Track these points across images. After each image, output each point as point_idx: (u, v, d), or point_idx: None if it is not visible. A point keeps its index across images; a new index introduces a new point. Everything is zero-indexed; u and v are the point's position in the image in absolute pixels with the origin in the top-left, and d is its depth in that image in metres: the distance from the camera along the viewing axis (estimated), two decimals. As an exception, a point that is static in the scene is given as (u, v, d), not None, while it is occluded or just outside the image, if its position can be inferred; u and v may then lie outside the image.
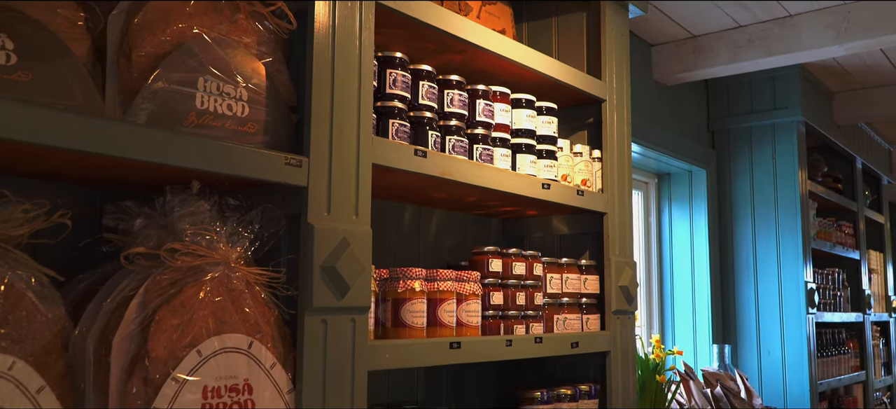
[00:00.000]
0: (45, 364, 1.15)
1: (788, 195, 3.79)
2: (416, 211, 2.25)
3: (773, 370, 3.76)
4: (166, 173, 1.28)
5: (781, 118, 3.82)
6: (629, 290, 2.31)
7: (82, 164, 1.24)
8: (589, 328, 2.20)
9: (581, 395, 2.16)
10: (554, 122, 2.13)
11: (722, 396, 3.12)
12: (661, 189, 3.95)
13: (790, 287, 3.74)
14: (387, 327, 1.70)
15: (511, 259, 2.00)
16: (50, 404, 1.12)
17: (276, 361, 1.36)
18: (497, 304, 1.93)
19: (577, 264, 2.24)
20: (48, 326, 1.18)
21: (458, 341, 1.74)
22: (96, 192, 1.46)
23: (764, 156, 3.87)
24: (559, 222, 2.41)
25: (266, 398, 1.33)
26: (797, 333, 3.72)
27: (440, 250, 2.31)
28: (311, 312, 1.39)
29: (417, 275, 1.72)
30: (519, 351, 1.92)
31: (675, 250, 3.87)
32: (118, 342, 1.18)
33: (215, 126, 1.29)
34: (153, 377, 1.19)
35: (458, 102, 1.85)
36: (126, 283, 1.25)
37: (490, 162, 1.91)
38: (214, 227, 1.32)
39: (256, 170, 1.33)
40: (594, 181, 2.26)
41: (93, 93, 1.18)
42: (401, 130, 1.68)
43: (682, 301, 3.83)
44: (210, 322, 1.27)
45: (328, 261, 1.41)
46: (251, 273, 1.37)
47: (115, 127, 1.15)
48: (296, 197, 1.42)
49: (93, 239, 1.37)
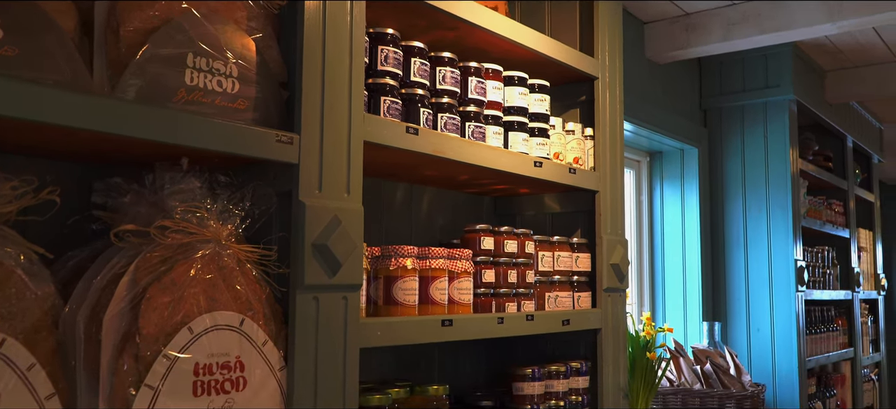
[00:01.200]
0: (34, 342, 1.15)
1: (779, 174, 3.80)
2: (408, 189, 2.24)
3: (762, 347, 3.80)
4: (155, 150, 1.27)
5: (773, 97, 3.83)
6: (620, 268, 2.32)
7: (70, 140, 1.22)
8: (580, 306, 2.21)
9: (572, 372, 2.17)
10: (546, 99, 2.12)
11: (711, 372, 3.15)
12: (653, 168, 3.95)
13: (780, 265, 3.77)
14: (378, 305, 1.70)
15: (503, 237, 2.00)
16: (40, 381, 1.12)
17: (268, 338, 1.36)
18: (489, 282, 1.94)
19: (569, 242, 2.24)
20: (38, 303, 1.17)
21: (450, 318, 1.74)
22: (85, 168, 1.45)
23: (756, 134, 3.88)
24: (551, 200, 2.42)
25: (258, 375, 1.33)
26: (786, 310, 3.75)
27: (432, 229, 2.31)
28: (302, 289, 1.39)
29: (409, 253, 1.72)
30: (510, 329, 1.93)
31: (667, 228, 3.89)
32: (109, 320, 1.18)
33: (205, 102, 1.28)
34: (144, 355, 1.18)
35: (450, 79, 1.84)
36: (116, 260, 1.25)
37: (482, 140, 1.90)
38: (205, 204, 1.31)
39: (247, 147, 1.32)
40: (586, 159, 2.26)
41: (80, 68, 1.17)
42: (392, 108, 1.67)
43: (673, 279, 3.85)
44: (201, 300, 1.27)
45: (320, 239, 1.41)
46: (242, 251, 1.36)
47: (104, 103, 1.14)
48: (287, 174, 1.41)
49: (82, 216, 1.36)
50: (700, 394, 3.08)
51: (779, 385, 3.75)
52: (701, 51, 3.44)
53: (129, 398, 1.16)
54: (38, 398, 1.12)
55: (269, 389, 1.35)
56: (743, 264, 3.87)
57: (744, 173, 3.90)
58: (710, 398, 3.06)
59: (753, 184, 3.86)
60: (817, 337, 4.03)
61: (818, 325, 4.09)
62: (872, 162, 5.37)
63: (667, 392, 3.13)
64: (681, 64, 3.82)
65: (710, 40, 3.35)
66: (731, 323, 3.88)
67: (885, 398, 5.31)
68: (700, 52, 3.45)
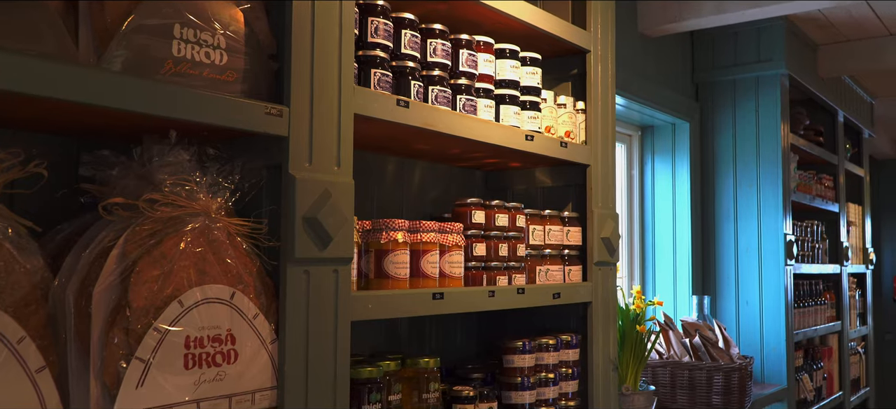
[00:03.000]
0: (24, 315, 1.14)
1: (770, 148, 3.81)
2: (399, 163, 2.24)
3: (750, 321, 3.83)
4: (143, 122, 1.26)
5: (765, 71, 3.82)
6: (611, 242, 2.33)
7: (56, 112, 1.21)
8: (571, 280, 2.22)
9: (562, 345, 2.19)
10: (538, 73, 2.11)
11: (700, 345, 3.18)
12: (645, 142, 3.95)
13: (769, 239, 3.79)
14: (370, 279, 1.71)
15: (494, 211, 2.01)
16: (31, 354, 1.12)
17: (259, 311, 1.36)
18: (480, 255, 1.94)
19: (560, 216, 2.25)
20: (27, 276, 1.17)
21: (441, 291, 1.75)
22: (72, 141, 1.43)
23: (747, 109, 3.88)
24: (542, 174, 2.42)
25: (249, 348, 1.34)
26: (775, 284, 3.78)
27: (423, 202, 2.31)
28: (293, 263, 1.39)
29: (400, 226, 1.72)
30: (501, 302, 1.94)
31: (657, 202, 3.90)
32: (98, 293, 1.17)
33: (193, 74, 1.27)
34: (135, 328, 1.18)
35: (441, 51, 1.82)
36: (105, 234, 1.24)
37: (473, 113, 1.90)
38: (194, 177, 1.30)
39: (236, 119, 1.31)
40: (578, 133, 2.26)
41: (65, 39, 1.15)
42: (383, 80, 1.66)
43: (663, 253, 3.87)
44: (191, 273, 1.27)
45: (310, 212, 1.41)
46: (232, 224, 1.36)
47: (89, 74, 1.12)
48: (276, 147, 1.40)
49: (70, 189, 1.35)
50: (689, 366, 3.11)
51: (766, 358, 3.79)
52: (693, 24, 3.43)
53: (119, 370, 1.16)
54: (28, 370, 1.12)
55: (260, 362, 1.36)
56: (733, 239, 3.89)
57: (735, 148, 3.90)
58: (698, 371, 3.10)
59: (744, 158, 3.88)
60: (805, 310, 4.07)
61: (806, 298, 4.13)
62: (863, 137, 5.39)
63: (656, 365, 3.16)
64: (673, 38, 3.81)
65: (703, 13, 3.34)
66: (721, 297, 3.91)
67: (871, 371, 5.38)
68: (693, 25, 3.44)
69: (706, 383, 3.09)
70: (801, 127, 4.31)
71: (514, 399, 2.02)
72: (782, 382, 3.74)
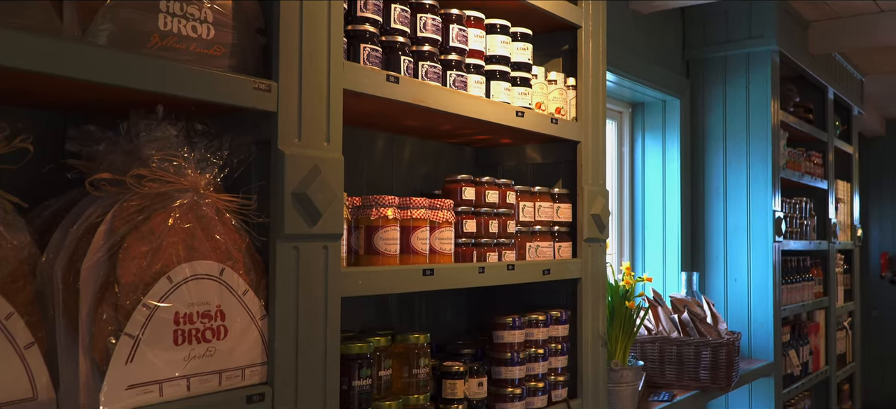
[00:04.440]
0: (12, 291, 1.14)
1: (760, 125, 3.82)
2: (389, 139, 2.23)
3: (738, 297, 3.87)
4: (129, 97, 1.25)
5: (756, 47, 3.82)
6: (601, 218, 2.34)
7: (41, 87, 1.20)
8: (561, 256, 2.23)
9: (552, 320, 2.20)
10: (529, 48, 2.10)
11: (689, 321, 3.21)
12: (635, 119, 3.95)
13: (758, 216, 3.82)
14: (360, 255, 1.71)
15: (484, 187, 2.00)
16: (19, 330, 1.12)
17: (249, 287, 1.36)
18: (470, 232, 1.94)
19: (550, 193, 2.25)
20: (14, 252, 1.16)
21: (432, 268, 1.75)
22: (58, 116, 1.42)
23: (738, 86, 3.88)
24: (533, 150, 2.41)
25: (239, 324, 1.34)
26: (763, 260, 3.81)
27: (414, 179, 2.30)
28: (282, 239, 1.39)
29: (390, 203, 1.72)
30: (491, 278, 1.94)
31: (647, 179, 3.91)
32: (86, 269, 1.17)
33: (179, 48, 1.26)
34: (123, 304, 1.18)
35: (431, 26, 1.81)
36: (92, 209, 1.24)
37: (463, 89, 1.89)
38: (182, 153, 1.29)
39: (224, 94, 1.30)
40: (568, 109, 2.26)
41: (49, 12, 1.13)
42: (372, 55, 1.65)
43: (653, 230, 3.89)
44: (180, 249, 1.26)
45: (299, 188, 1.40)
46: (221, 200, 1.35)
47: (74, 48, 1.11)
48: (265, 123, 1.39)
49: (56, 165, 1.34)
50: (677, 342, 3.14)
51: (754, 333, 3.83)
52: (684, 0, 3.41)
53: (109, 346, 1.16)
54: (17, 346, 1.11)
55: (250, 338, 1.36)
56: (722, 215, 3.91)
57: (725, 125, 3.91)
58: (686, 346, 3.12)
59: (734, 135, 3.88)
60: (793, 287, 4.11)
61: (794, 274, 4.17)
62: (852, 114, 5.41)
63: (645, 340, 3.19)
64: (664, 14, 3.79)
65: (695, -12, 3.33)
66: (709, 273, 3.94)
67: (857, 347, 5.45)
68: (684, 2, 3.43)
69: (694, 358, 3.12)
70: (791, 104, 4.32)
71: (504, 374, 2.04)
72: (769, 357, 3.78)
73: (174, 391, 1.23)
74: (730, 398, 3.87)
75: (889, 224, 7.58)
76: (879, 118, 7.23)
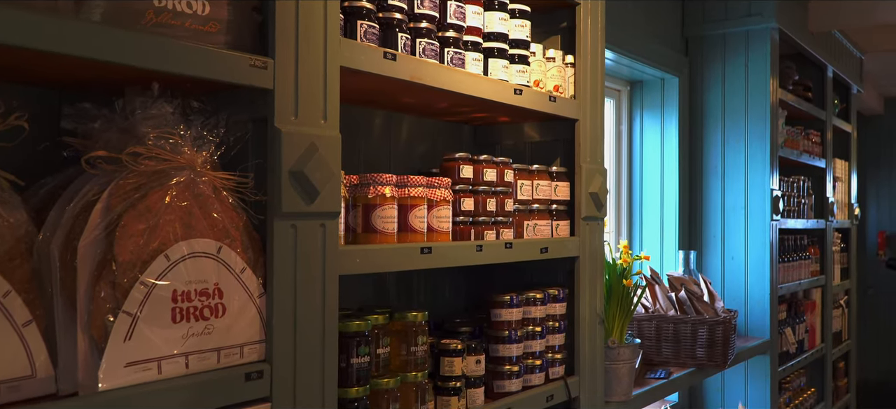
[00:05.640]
0: (9, 269, 1.14)
1: (759, 103, 3.81)
2: (386, 117, 2.22)
3: (735, 275, 3.88)
4: (124, 74, 1.24)
5: (755, 25, 3.80)
6: (599, 197, 2.34)
7: (35, 64, 1.19)
8: (558, 234, 2.23)
9: (550, 299, 2.21)
10: (527, 25, 2.09)
11: (685, 299, 3.22)
12: (633, 97, 3.94)
13: (756, 195, 3.82)
14: (357, 233, 1.70)
15: (482, 166, 2.00)
16: (17, 307, 1.12)
17: (246, 266, 1.36)
18: (468, 210, 1.94)
19: (548, 171, 2.25)
20: (10, 230, 1.16)
21: (429, 246, 1.75)
22: (53, 94, 1.41)
23: (737, 64, 3.87)
24: (531, 128, 2.41)
25: (237, 302, 1.34)
26: (761, 239, 3.82)
27: (411, 157, 2.30)
28: (280, 217, 1.39)
29: (388, 181, 1.72)
30: (489, 256, 1.94)
31: (645, 157, 3.91)
32: (83, 247, 1.17)
33: (175, 25, 1.25)
34: (121, 282, 1.18)
35: (428, 3, 1.80)
36: (89, 187, 1.23)
37: (461, 66, 1.88)
38: (178, 130, 1.29)
39: (220, 71, 1.29)
40: (566, 87, 2.25)
41: (42, -12, 1.12)
42: (369, 32, 1.64)
43: (651, 208, 3.89)
44: (177, 227, 1.26)
45: (296, 166, 1.40)
46: (218, 178, 1.35)
47: (68, 24, 1.10)
48: (261, 100, 1.38)
49: (52, 143, 1.34)
50: (674, 320, 3.15)
51: (751, 311, 3.85)
52: (684, -22, 3.40)
53: (107, 324, 1.16)
54: (15, 324, 1.12)
55: (248, 315, 1.36)
56: (719, 194, 3.91)
57: (723, 103, 3.90)
58: (683, 324, 3.14)
59: (733, 114, 3.88)
60: (790, 265, 4.12)
61: (791, 253, 4.18)
62: (851, 92, 5.39)
63: (642, 318, 3.20)
64: (664, -9, 3.77)
65: (694, -33, 3.30)
66: (707, 251, 3.95)
67: (852, 324, 5.48)
68: (683, -21, 3.41)
69: (691, 336, 3.14)
70: (790, 82, 4.31)
71: (502, 352, 2.05)
72: (765, 335, 3.80)
73: (173, 368, 1.24)
74: (726, 376, 3.90)
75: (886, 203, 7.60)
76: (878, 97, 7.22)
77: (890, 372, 7.34)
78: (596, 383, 2.36)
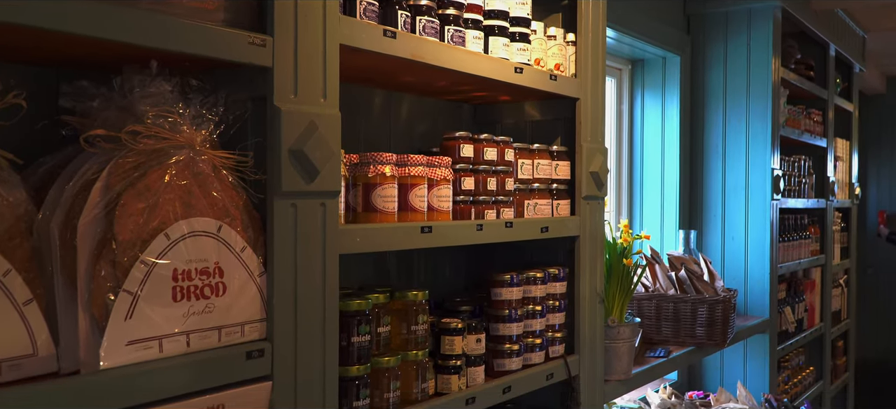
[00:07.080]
0: (9, 248, 1.14)
1: (761, 82, 3.79)
2: (386, 96, 2.21)
3: (735, 254, 3.88)
4: (122, 52, 1.23)
5: (758, 3, 3.77)
6: (600, 176, 2.33)
7: (32, 41, 1.18)
8: (559, 213, 2.23)
9: (550, 278, 2.21)
10: (528, 3, 2.07)
11: (686, 278, 3.23)
12: (635, 76, 3.92)
13: (757, 174, 3.81)
14: (357, 212, 1.70)
15: (482, 145, 1.99)
16: (17, 286, 1.12)
17: (247, 244, 1.36)
18: (468, 189, 1.94)
19: (549, 150, 2.24)
20: (10, 209, 1.16)
21: (430, 225, 1.75)
22: (51, 72, 1.40)
23: (739, 42, 3.84)
24: (531, 107, 2.40)
25: (237, 280, 1.34)
26: (761, 218, 3.82)
27: (411, 136, 2.29)
28: (280, 196, 1.39)
29: (388, 160, 1.71)
30: (489, 235, 1.94)
31: (646, 137, 3.89)
32: (83, 226, 1.17)
33: (173, 2, 1.23)
34: (121, 261, 1.18)
35: (428, -19, 1.78)
36: (88, 166, 1.23)
37: (462, 44, 1.87)
38: (177, 109, 1.28)
39: (218, 49, 1.28)
40: (568, 66, 2.23)
41: (38, -36, 1.11)
42: (369, 10, 1.62)
43: (651, 187, 3.88)
44: (177, 206, 1.26)
45: (296, 144, 1.39)
46: (217, 157, 1.34)
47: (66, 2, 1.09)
48: (261, 78, 1.38)
49: (51, 121, 1.33)
50: (674, 299, 3.16)
51: (750, 291, 3.86)
52: (687, -45, 3.36)
53: (107, 302, 1.17)
54: (15, 303, 1.12)
55: (249, 294, 1.36)
56: (720, 173, 3.90)
57: (725, 82, 3.88)
58: (683, 303, 3.15)
59: (734, 92, 3.86)
60: (790, 244, 4.13)
61: (791, 232, 4.18)
62: (854, 71, 5.36)
63: (642, 298, 3.21)
64: (666, -31, 3.74)
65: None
66: (707, 231, 3.95)
67: (852, 304, 5.49)
68: (686, -44, 3.37)
69: (690, 315, 3.14)
70: (792, 61, 4.28)
71: (502, 331, 2.05)
72: (765, 314, 3.81)
73: (174, 346, 1.24)
74: (725, 355, 3.91)
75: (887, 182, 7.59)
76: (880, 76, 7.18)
77: (888, 351, 7.38)
78: (596, 361, 2.37)
